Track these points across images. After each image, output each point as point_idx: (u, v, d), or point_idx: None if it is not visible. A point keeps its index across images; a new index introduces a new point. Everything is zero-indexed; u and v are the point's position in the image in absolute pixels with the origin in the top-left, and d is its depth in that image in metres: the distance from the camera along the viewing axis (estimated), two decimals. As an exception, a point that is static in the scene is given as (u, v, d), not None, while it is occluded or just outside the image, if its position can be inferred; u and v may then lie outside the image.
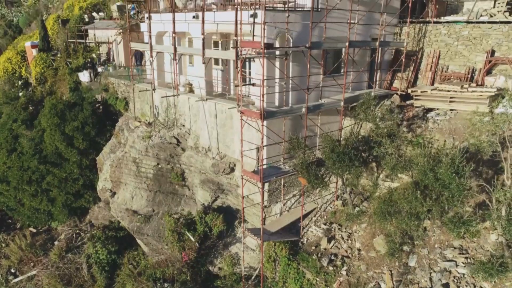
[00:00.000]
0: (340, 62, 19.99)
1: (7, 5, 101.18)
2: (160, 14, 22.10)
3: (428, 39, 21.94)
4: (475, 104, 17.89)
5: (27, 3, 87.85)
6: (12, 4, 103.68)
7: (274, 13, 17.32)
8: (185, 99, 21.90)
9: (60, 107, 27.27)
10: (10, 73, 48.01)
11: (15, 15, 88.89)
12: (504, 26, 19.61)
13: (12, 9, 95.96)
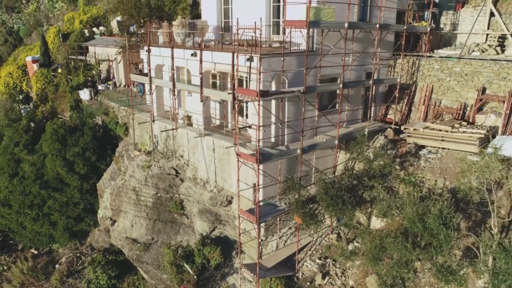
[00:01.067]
0: (335, 99, 20.47)
1: (7, 11, 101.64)
2: (160, 48, 22.54)
3: (421, 73, 22.43)
4: (466, 144, 18.37)
5: (27, 10, 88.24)
6: (13, 10, 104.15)
7: (270, 57, 17.80)
8: (184, 132, 22.37)
9: (61, 132, 27.78)
10: (12, 88, 48.48)
11: (16, 22, 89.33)
12: (494, 65, 20.09)
13: (12, 15, 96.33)
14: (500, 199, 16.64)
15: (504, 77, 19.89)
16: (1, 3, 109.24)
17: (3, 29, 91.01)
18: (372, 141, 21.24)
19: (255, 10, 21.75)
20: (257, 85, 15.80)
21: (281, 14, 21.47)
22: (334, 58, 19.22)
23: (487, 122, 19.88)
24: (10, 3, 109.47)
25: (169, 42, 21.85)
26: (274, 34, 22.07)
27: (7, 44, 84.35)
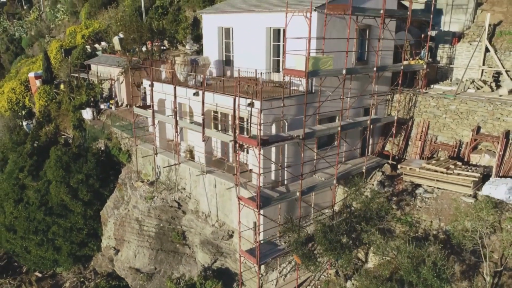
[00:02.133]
0: (333, 138, 21.00)
1: (8, 18, 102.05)
2: (162, 85, 23.06)
3: (418, 108, 22.96)
4: (460, 186, 18.90)
5: (28, 19, 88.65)
6: (14, 17, 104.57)
7: (271, 101, 18.33)
8: (186, 167, 22.91)
9: (65, 159, 28.31)
10: (14, 103, 49.01)
11: (17, 29, 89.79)
12: (489, 105, 20.62)
13: (14, 22, 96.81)
14: (493, 243, 17.18)
15: (498, 118, 20.41)
16: (2, 9, 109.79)
17: (4, 37, 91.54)
18: (369, 177, 21.77)
19: (256, 46, 22.30)
20: (258, 135, 16.31)
21: (280, 53, 22.00)
22: (333, 97, 19.76)
23: (481, 161, 20.41)
24: (11, 9, 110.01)
25: (171, 78, 22.34)
26: (274, 72, 22.58)
27: (8, 52, 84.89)
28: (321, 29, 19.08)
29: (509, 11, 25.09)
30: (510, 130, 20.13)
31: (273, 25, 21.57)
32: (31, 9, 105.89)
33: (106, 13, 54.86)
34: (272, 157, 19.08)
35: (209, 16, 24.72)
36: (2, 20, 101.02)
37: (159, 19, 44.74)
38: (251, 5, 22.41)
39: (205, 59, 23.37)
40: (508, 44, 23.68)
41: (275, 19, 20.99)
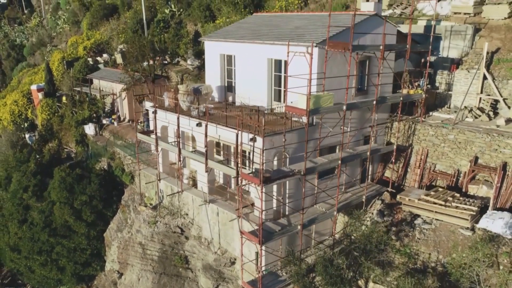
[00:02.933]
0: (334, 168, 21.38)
1: (9, 22, 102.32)
2: (166, 112, 23.43)
3: (417, 137, 23.34)
4: (458, 218, 19.29)
5: (29, 25, 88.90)
6: (15, 21, 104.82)
7: (273, 137, 18.72)
8: (189, 195, 23.31)
9: (69, 180, 28.71)
10: (17, 115, 49.39)
11: (18, 35, 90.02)
12: (487, 136, 21.00)
13: (15, 28, 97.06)
14: (489, 278, 17.57)
15: (495, 149, 20.80)
16: (3, 14, 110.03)
17: (5, 43, 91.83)
18: (369, 206, 22.17)
19: (257, 74, 22.68)
20: (260, 173, 16.69)
21: (282, 83, 22.39)
22: (334, 129, 20.18)
23: (479, 192, 20.81)
24: (12, 13, 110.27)
25: (174, 107, 22.71)
26: (275, 101, 22.97)
27: (9, 59, 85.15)
28: (322, 63, 19.51)
29: (507, 37, 25.47)
30: (507, 162, 20.50)
31: (274, 57, 21.96)
32: (32, 15, 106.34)
33: (108, 24, 55.20)
34: (273, 189, 19.46)
35: (211, 43, 25.08)
36: (3, 25, 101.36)
37: (160, 33, 45.14)
38: (253, 36, 22.77)
39: (208, 88, 23.75)
40: (506, 72, 24.06)
41: (277, 51, 21.38)
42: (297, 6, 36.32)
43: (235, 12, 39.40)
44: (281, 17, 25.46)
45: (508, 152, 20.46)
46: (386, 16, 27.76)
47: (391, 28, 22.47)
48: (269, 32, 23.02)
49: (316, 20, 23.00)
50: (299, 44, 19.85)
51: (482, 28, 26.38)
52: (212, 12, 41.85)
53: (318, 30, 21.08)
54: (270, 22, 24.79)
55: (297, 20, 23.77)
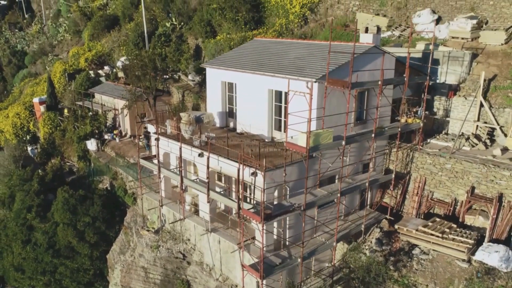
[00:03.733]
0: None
1: (10, 28, 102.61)
2: (168, 140, 23.82)
3: (415, 164, 23.74)
4: (455, 250, 19.71)
5: (30, 31, 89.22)
6: (15, 26, 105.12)
7: (273, 171, 19.13)
8: (191, 221, 23.73)
9: (72, 202, 29.12)
10: (19, 128, 49.78)
11: (19, 41, 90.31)
12: (483, 167, 21.40)
13: (16, 33, 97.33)
14: (485, 312, 18.01)
15: (491, 180, 21.20)
16: (4, 19, 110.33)
17: (6, 49, 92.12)
18: (368, 234, 22.58)
19: (258, 103, 23.11)
20: (261, 211, 17.11)
21: (282, 113, 22.80)
22: (332, 159, 20.58)
23: (475, 223, 21.24)
24: (13, 18, 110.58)
25: (177, 134, 23.10)
26: (275, 130, 23.38)
27: (11, 65, 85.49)
28: (322, 97, 19.91)
29: (503, 64, 25.87)
30: (504, 193, 20.91)
31: (275, 88, 22.36)
32: (33, 21, 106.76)
33: (109, 36, 55.55)
34: (274, 223, 19.85)
35: (213, 70, 25.47)
36: (4, 30, 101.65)
37: (161, 48, 45.50)
38: (254, 66, 23.15)
39: (209, 116, 24.15)
40: (502, 99, 24.47)
41: (277, 82, 21.78)
42: (297, 24, 36.70)
43: (236, 28, 39.75)
44: (281, 44, 25.84)
45: (504, 184, 20.86)
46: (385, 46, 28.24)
47: (390, 59, 22.86)
48: (270, 61, 23.40)
49: (315, 50, 23.41)
50: (299, 78, 20.25)
51: (479, 54, 26.78)
52: (213, 27, 42.20)
53: (317, 63, 21.48)
54: (271, 50, 25.18)
55: (297, 49, 24.17)
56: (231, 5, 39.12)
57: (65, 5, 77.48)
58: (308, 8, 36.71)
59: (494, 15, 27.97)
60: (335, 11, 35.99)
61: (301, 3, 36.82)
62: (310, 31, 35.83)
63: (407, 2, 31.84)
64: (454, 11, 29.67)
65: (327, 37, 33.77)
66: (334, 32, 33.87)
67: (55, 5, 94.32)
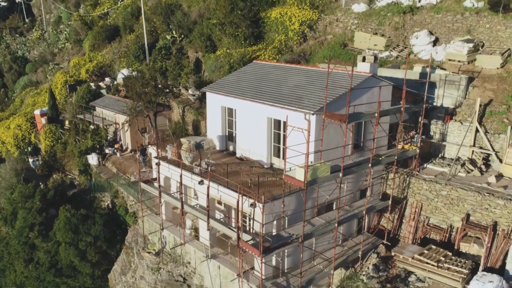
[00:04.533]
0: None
1: (10, 32, 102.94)
2: (169, 165, 24.23)
3: (412, 189, 24.14)
4: (450, 279, 20.14)
5: (31, 38, 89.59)
6: (16, 31, 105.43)
7: (272, 202, 19.54)
8: (192, 245, 24.14)
9: (74, 221, 29.52)
10: (20, 139, 50.16)
11: (20, 47, 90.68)
12: (478, 195, 21.80)
13: (16, 38, 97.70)
14: None
15: (486, 208, 21.61)
16: (5, 23, 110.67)
17: (7, 54, 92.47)
18: (365, 259, 22.99)
19: (257, 130, 23.52)
20: (260, 246, 17.52)
21: (281, 140, 23.21)
22: (330, 187, 20.99)
23: (470, 250, 21.65)
24: (13, 23, 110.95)
25: (177, 160, 23.50)
26: (274, 156, 23.79)
27: (11, 72, 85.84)
28: (319, 128, 20.29)
29: (499, 88, 26.26)
30: (498, 221, 21.32)
31: (274, 116, 22.76)
32: (34, 26, 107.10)
33: (110, 47, 55.91)
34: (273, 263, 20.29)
35: (213, 94, 25.86)
36: (5, 35, 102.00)
37: (162, 61, 45.91)
38: (254, 94, 23.53)
39: (210, 142, 24.56)
40: (498, 125, 24.86)
41: (276, 111, 22.18)
42: (296, 42, 37.08)
43: (236, 44, 40.13)
44: (281, 69, 26.20)
45: (499, 212, 21.27)
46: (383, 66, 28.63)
47: (387, 88, 23.25)
48: (269, 89, 23.79)
49: (314, 77, 23.77)
50: (297, 110, 20.65)
51: (476, 78, 27.17)
52: (213, 42, 42.59)
53: (315, 92, 21.87)
54: (270, 75, 25.55)
55: (296, 76, 24.55)
56: (231, 21, 39.49)
57: (65, 12, 77.89)
58: (307, 25, 37.08)
59: (490, 38, 28.32)
60: (334, 28, 36.36)
61: (300, 20, 37.17)
62: (309, 48, 36.20)
63: (404, 22, 32.19)
64: (451, 32, 30.03)
65: (325, 56, 34.25)
66: (332, 50, 34.33)
67: (55, 10, 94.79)
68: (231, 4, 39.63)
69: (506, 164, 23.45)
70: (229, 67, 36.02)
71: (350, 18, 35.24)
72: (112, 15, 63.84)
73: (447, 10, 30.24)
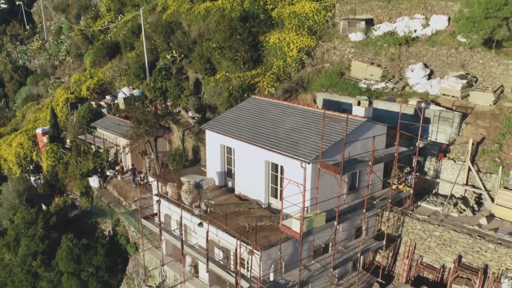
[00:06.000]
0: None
1: (11, 40, 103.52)
2: (169, 203, 24.87)
3: (406, 228, 24.81)
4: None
5: (32, 47, 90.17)
6: (16, 38, 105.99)
7: (269, 249, 20.21)
8: (191, 282, 24.82)
9: (76, 251, 30.18)
10: (22, 158, 50.76)
11: (20, 56, 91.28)
12: (469, 237, 22.47)
13: (17, 46, 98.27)
14: None
15: (477, 251, 22.27)
16: (5, 30, 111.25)
17: (8, 63, 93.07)
18: (360, 298, 23.68)
19: (255, 170, 24.18)
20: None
21: (278, 181, 23.86)
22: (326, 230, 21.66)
23: (462, 294, 22.31)
24: (14, 30, 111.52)
25: (177, 202, 24.14)
26: (272, 196, 24.46)
27: (12, 82, 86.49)
28: (315, 175, 20.94)
29: (491, 126, 26.88)
30: (489, 264, 21.98)
31: (271, 160, 23.39)
32: (34, 33, 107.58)
33: (110, 64, 56.52)
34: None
35: (212, 133, 26.49)
36: (5, 42, 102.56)
37: (162, 81, 46.56)
38: (252, 137, 24.14)
39: (209, 182, 25.18)
40: (490, 164, 25.48)
41: (273, 156, 22.82)
42: (294, 68, 37.68)
43: (235, 68, 40.74)
44: (278, 108, 26.73)
45: (489, 256, 21.94)
46: (378, 98, 29.25)
47: (381, 128, 23.90)
48: (266, 130, 24.39)
49: (310, 120, 24.36)
50: (294, 157, 21.30)
51: (469, 114, 27.76)
52: (213, 64, 43.21)
53: (311, 138, 22.49)
54: (267, 115, 26.08)
55: (292, 117, 25.13)
56: (230, 45, 40.08)
57: (66, 23, 78.50)
58: (305, 52, 37.64)
59: (484, 74, 28.89)
60: (331, 56, 36.95)
61: (298, 47, 37.75)
62: (307, 76, 36.80)
63: (400, 54, 32.78)
64: (445, 66, 30.61)
65: (323, 84, 34.93)
66: (330, 79, 34.97)
67: (56, 17, 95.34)
68: (230, 29, 40.21)
69: (497, 205, 24.07)
70: (228, 94, 36.62)
71: (347, 47, 35.81)
72: (112, 29, 64.41)
73: (441, 44, 30.82)
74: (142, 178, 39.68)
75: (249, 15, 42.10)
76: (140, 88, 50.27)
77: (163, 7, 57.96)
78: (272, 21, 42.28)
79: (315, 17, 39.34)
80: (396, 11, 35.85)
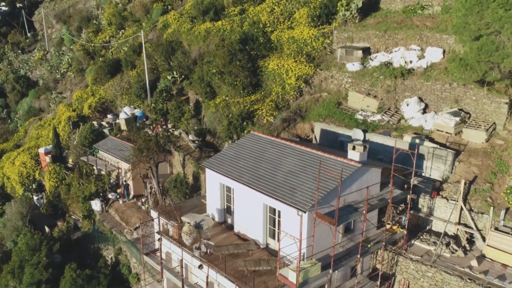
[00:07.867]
0: None
1: (13, 48, 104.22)
2: (170, 242, 25.68)
3: (399, 267, 25.59)
4: None
5: (34, 58, 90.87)
6: (18, 46, 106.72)
7: (266, 296, 21.00)
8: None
9: (79, 282, 31.00)
10: (25, 177, 51.53)
11: (22, 66, 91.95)
12: (460, 280, 23.23)
13: (18, 55, 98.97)
14: None
15: (468, 294, 23.06)
16: (7, 39, 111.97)
17: (9, 73, 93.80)
18: (355, 336, 24.47)
19: (253, 210, 24.94)
20: None
21: (276, 223, 24.65)
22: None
23: (452, 334, 23.10)
24: (15, 38, 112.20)
25: (177, 239, 24.93)
26: (270, 237, 25.25)
27: (14, 92, 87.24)
28: (311, 222, 21.72)
29: (484, 164, 27.60)
30: (479, 307, 22.77)
31: (269, 204, 24.16)
32: (36, 41, 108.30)
33: (112, 81, 57.22)
34: None
35: (212, 172, 27.26)
36: (7, 51, 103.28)
37: (163, 103, 47.30)
38: (250, 180, 24.87)
39: (209, 222, 25.96)
40: (481, 204, 26.22)
41: (271, 200, 23.59)
42: (292, 96, 38.39)
43: (235, 93, 41.46)
44: (276, 147, 27.38)
45: (479, 299, 22.72)
46: (374, 131, 29.98)
47: (376, 172, 24.68)
48: (265, 172, 25.12)
49: (307, 162, 25.08)
50: (291, 205, 22.08)
51: (462, 151, 28.48)
52: (213, 88, 43.91)
53: (308, 184, 23.23)
54: (266, 154, 26.77)
55: (290, 158, 25.84)
56: (230, 71, 40.79)
57: (68, 36, 79.20)
58: (303, 80, 38.34)
59: (477, 110, 29.58)
60: (329, 84, 37.67)
61: (297, 74, 38.45)
62: (305, 104, 37.51)
63: (396, 86, 33.48)
64: (439, 100, 31.31)
65: (320, 114, 35.66)
66: (327, 109, 35.72)
67: (57, 25, 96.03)
68: (230, 54, 40.90)
69: (488, 246, 24.83)
70: (228, 122, 37.36)
71: (345, 77, 36.53)
72: (114, 44, 65.07)
73: (436, 79, 31.53)
74: (144, 202, 40.57)
75: (249, 37, 42.77)
76: (141, 107, 51.02)
77: (164, 24, 58.63)
78: (271, 44, 42.98)
79: (313, 43, 39.98)
80: (393, 41, 36.49)
